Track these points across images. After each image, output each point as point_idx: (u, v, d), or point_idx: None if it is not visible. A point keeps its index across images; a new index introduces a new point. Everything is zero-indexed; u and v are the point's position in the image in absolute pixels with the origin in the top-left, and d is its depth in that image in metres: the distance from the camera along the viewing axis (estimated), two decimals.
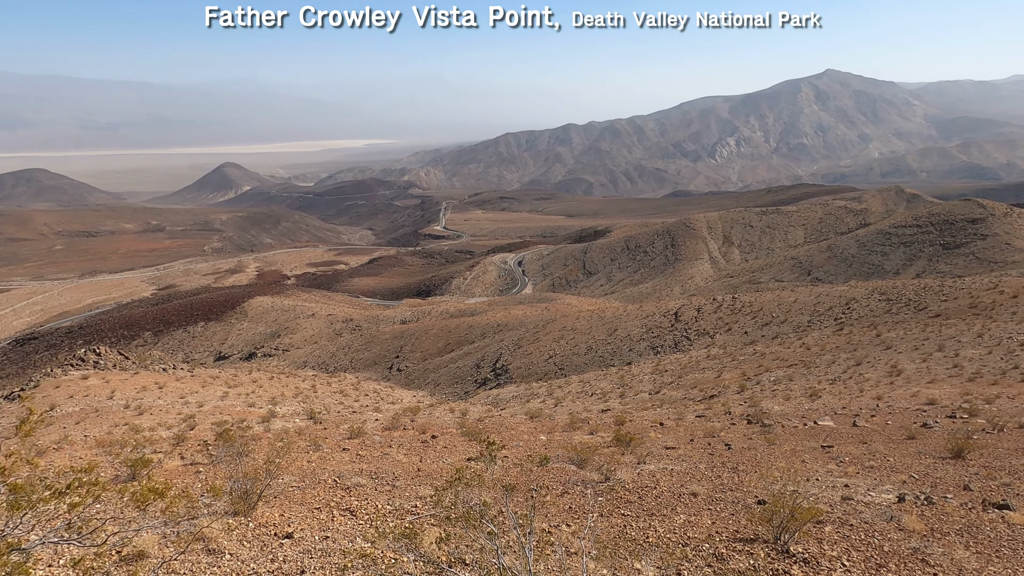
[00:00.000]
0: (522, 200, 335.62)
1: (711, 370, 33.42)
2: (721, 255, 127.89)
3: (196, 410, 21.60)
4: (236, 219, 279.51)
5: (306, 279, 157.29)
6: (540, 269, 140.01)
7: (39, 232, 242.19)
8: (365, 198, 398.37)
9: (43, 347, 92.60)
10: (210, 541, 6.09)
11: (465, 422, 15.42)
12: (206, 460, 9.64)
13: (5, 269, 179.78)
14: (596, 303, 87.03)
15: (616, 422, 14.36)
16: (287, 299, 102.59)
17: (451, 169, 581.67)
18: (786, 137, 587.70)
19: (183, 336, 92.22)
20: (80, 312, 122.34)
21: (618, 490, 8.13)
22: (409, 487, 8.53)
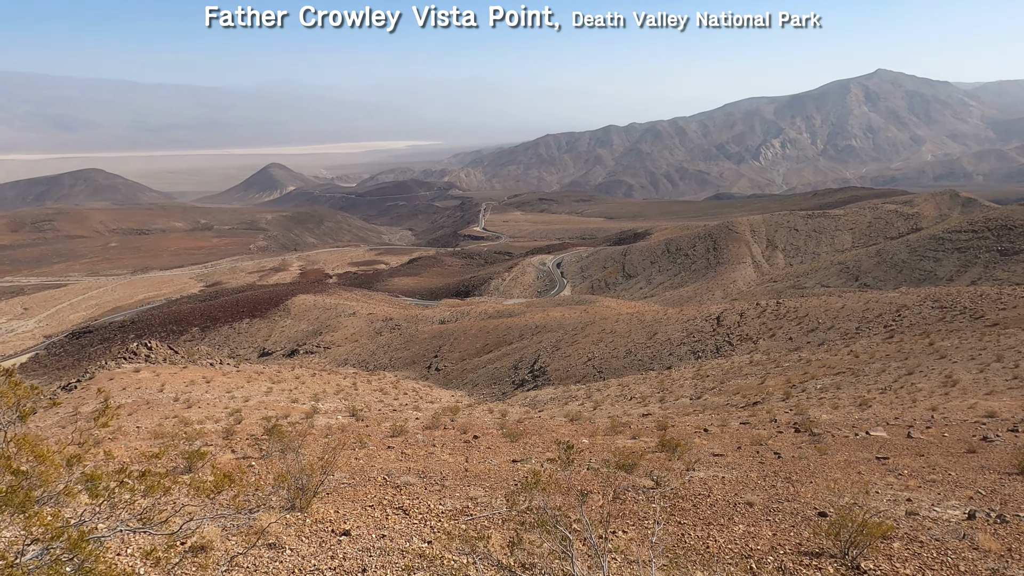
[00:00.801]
0: (561, 202, 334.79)
1: (754, 376, 32.73)
2: (764, 259, 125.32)
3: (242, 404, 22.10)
4: (281, 219, 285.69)
5: (347, 278, 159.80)
6: (579, 271, 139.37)
7: (95, 230, 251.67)
8: (406, 199, 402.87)
9: (97, 340, 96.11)
10: (270, 535, 6.17)
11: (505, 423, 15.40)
12: (257, 454, 9.81)
13: (63, 265, 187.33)
14: (635, 306, 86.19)
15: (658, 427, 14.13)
16: (329, 297, 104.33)
17: (491, 170, 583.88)
18: (833, 139, 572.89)
19: (229, 332, 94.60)
20: (132, 307, 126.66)
21: (671, 497, 7.96)
22: (459, 487, 8.54)
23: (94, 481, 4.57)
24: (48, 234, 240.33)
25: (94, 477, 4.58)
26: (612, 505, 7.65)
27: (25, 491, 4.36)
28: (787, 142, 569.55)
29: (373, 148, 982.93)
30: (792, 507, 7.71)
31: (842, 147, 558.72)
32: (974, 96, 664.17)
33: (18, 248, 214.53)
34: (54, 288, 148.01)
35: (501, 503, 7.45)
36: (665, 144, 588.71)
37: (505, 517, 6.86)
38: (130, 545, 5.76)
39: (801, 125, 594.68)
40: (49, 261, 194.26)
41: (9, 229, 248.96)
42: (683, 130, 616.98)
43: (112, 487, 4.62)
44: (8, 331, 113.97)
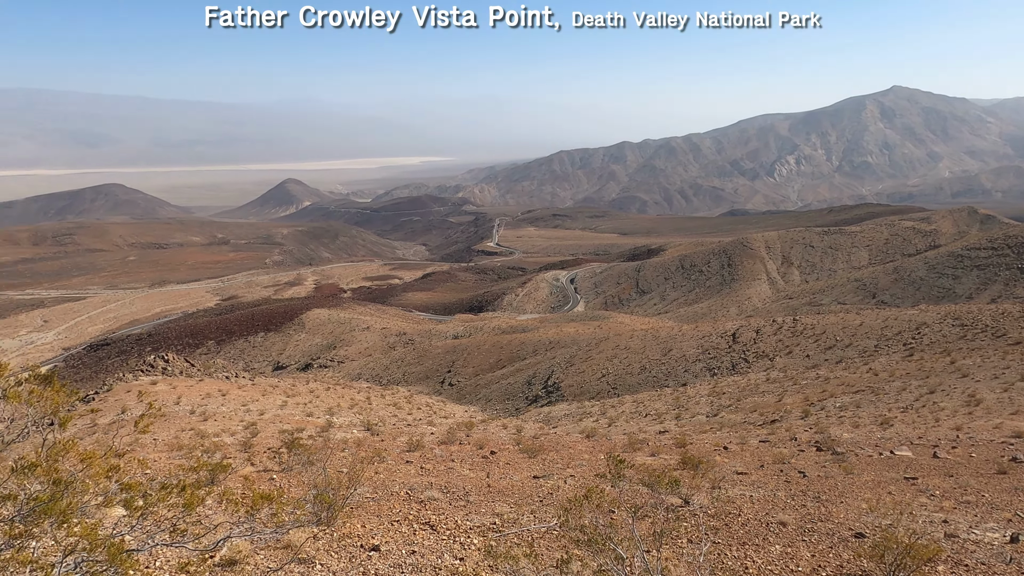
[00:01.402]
0: (575, 217, 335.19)
1: (771, 394, 32.37)
2: (780, 276, 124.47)
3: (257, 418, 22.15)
4: (296, 233, 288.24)
5: (362, 293, 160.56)
6: (593, 287, 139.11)
7: (114, 243, 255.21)
8: (420, 214, 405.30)
9: (115, 353, 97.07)
10: (298, 550, 6.13)
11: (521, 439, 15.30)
12: (277, 467, 9.79)
13: (83, 278, 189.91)
14: (650, 322, 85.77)
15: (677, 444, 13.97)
16: (343, 312, 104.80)
17: (504, 186, 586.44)
18: (849, 155, 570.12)
19: (244, 345, 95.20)
20: (149, 320, 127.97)
21: (700, 515, 7.82)
22: (483, 503, 8.45)
23: (132, 492, 4.56)
24: (69, 248, 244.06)
25: (132, 487, 4.57)
26: (642, 523, 7.48)
27: (66, 501, 4.36)
28: (802, 158, 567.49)
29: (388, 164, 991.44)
30: (827, 527, 7.53)
31: (858, 164, 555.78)
32: (992, 113, 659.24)
33: (39, 261, 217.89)
34: (74, 301, 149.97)
35: (528, 519, 7.34)
36: (679, 160, 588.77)
37: (536, 534, 6.76)
38: (158, 558, 5.73)
39: (816, 141, 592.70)
40: (69, 274, 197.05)
41: (31, 242, 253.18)
42: (697, 146, 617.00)
43: (151, 500, 4.61)
44: (28, 343, 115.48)
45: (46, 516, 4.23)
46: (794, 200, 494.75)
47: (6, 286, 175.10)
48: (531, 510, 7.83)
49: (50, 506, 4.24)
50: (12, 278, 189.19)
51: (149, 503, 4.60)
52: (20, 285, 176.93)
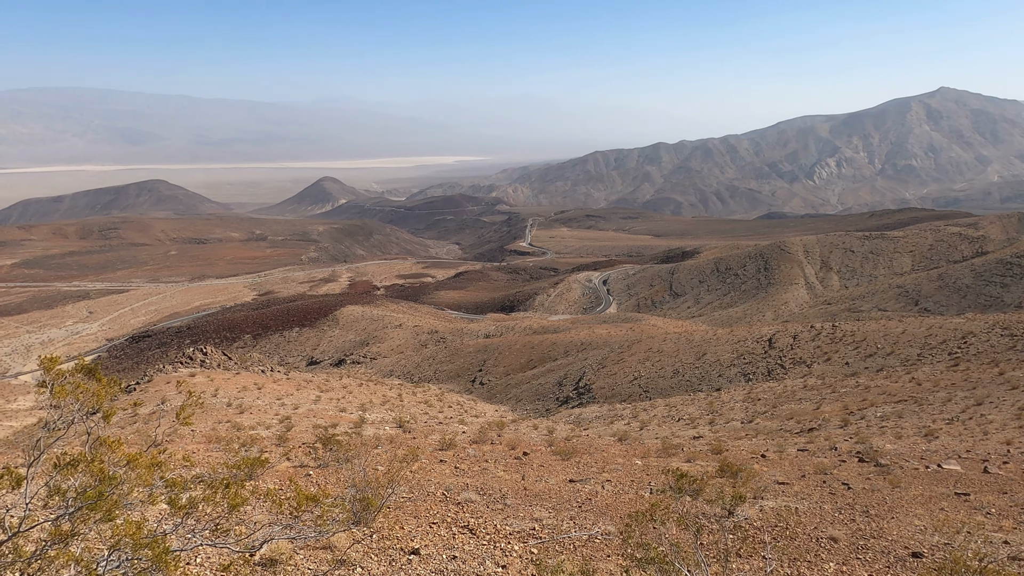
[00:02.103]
0: (608, 218, 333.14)
1: (809, 401, 31.62)
2: (818, 281, 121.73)
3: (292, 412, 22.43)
4: (332, 231, 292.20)
5: (394, 290, 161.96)
6: (625, 289, 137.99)
7: (156, 238, 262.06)
8: (453, 213, 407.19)
9: (155, 344, 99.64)
10: (338, 551, 6.06)
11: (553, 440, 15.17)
12: (313, 463, 9.81)
13: (127, 271, 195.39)
14: (683, 325, 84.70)
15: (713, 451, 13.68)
16: (376, 309, 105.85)
17: (538, 186, 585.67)
18: (892, 158, 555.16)
19: (279, 340, 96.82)
20: (189, 313, 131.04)
21: (747, 528, 7.56)
22: (521, 507, 8.33)
23: (176, 489, 4.56)
24: (114, 241, 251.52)
25: (176, 484, 4.57)
26: (687, 534, 7.19)
27: (113, 498, 4.38)
28: (843, 161, 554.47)
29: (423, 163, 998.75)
30: (880, 545, 7.20)
31: (901, 167, 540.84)
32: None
33: (86, 254, 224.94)
34: (117, 293, 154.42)
35: (568, 525, 7.17)
36: (716, 162, 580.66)
37: (578, 541, 6.60)
38: (198, 555, 5.71)
39: (858, 144, 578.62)
40: (114, 267, 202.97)
41: (78, 236, 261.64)
42: (734, 148, 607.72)
43: (196, 499, 4.60)
44: (74, 333, 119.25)
45: (92, 512, 4.24)
46: (834, 204, 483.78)
47: (54, 278, 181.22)
48: (570, 516, 7.64)
49: (97, 503, 4.25)
50: (60, 270, 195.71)
51: (194, 502, 4.58)
52: (68, 277, 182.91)
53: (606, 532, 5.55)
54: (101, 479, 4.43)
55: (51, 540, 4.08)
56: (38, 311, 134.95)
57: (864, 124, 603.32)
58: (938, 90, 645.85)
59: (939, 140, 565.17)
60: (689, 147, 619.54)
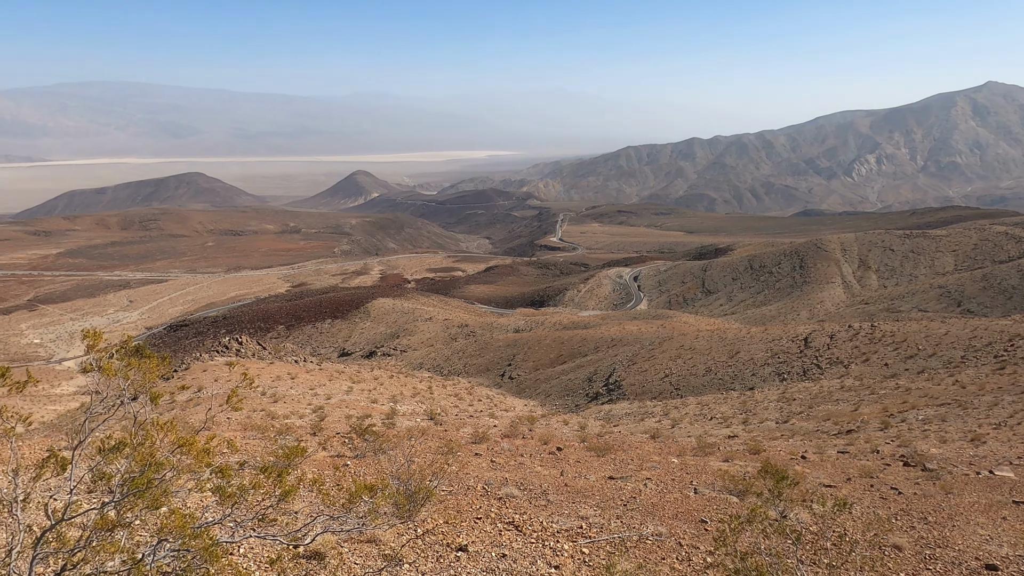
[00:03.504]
0: (640, 214, 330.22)
1: (846, 402, 30.88)
2: (856, 280, 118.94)
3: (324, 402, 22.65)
4: (364, 224, 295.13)
5: (425, 284, 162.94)
6: (656, 285, 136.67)
7: (194, 229, 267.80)
8: (484, 207, 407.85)
9: (192, 333, 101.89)
10: (383, 545, 5.97)
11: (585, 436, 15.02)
12: (350, 453, 9.81)
13: (166, 262, 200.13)
14: (715, 323, 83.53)
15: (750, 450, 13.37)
16: (407, 302, 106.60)
17: (569, 181, 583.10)
18: (935, 155, 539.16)
19: (312, 331, 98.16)
20: (224, 304, 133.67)
21: (804, 534, 7.26)
22: (564, 503, 8.17)
23: (224, 476, 4.49)
24: (153, 232, 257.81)
25: (224, 472, 4.52)
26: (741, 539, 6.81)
27: (162, 486, 4.33)
28: (883, 157, 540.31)
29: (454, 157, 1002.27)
30: (949, 555, 6.86)
31: (945, 164, 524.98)
32: None
33: (127, 244, 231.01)
34: (156, 283, 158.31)
35: (616, 525, 6.99)
36: (751, 158, 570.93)
37: (629, 542, 6.42)
38: (241, 545, 5.63)
39: (900, 140, 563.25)
40: (153, 258, 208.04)
41: (120, 227, 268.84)
42: (770, 144, 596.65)
43: (245, 487, 4.54)
44: (115, 321, 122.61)
45: (139, 500, 4.20)
46: (873, 201, 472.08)
47: (97, 267, 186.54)
48: (616, 515, 7.44)
49: (145, 491, 4.21)
50: (103, 260, 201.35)
51: (244, 490, 4.52)
52: (109, 267, 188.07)
53: (657, 533, 5.35)
54: (148, 465, 4.38)
55: (96, 529, 4.06)
56: (81, 299, 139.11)
57: (906, 120, 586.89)
58: (985, 84, 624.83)
59: (985, 136, 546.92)
60: (724, 143, 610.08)
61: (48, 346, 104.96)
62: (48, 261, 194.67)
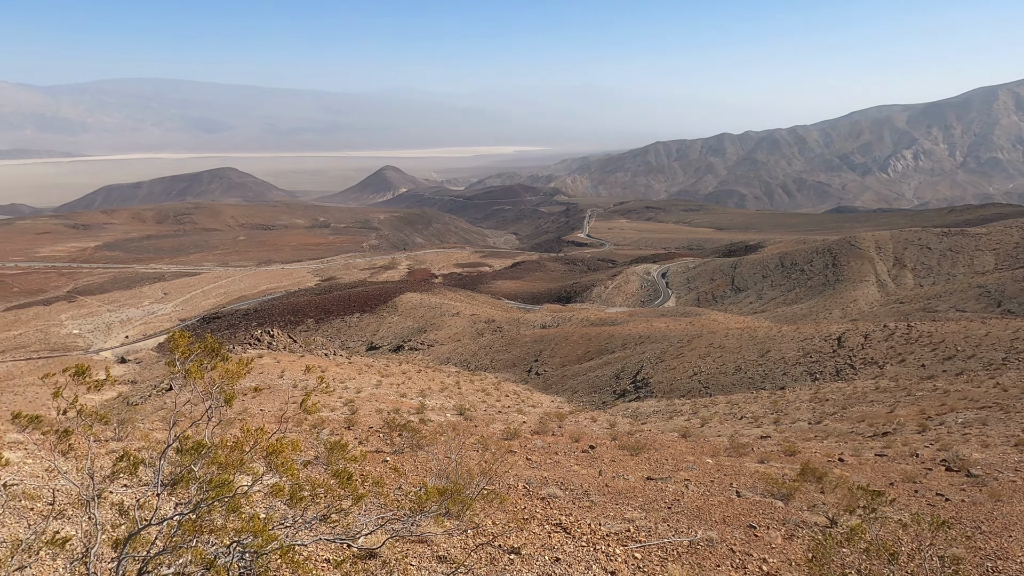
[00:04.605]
0: (669, 210, 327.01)
1: (881, 404, 30.22)
2: (890, 278, 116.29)
3: (355, 395, 22.84)
4: (392, 219, 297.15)
5: (452, 279, 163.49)
6: (685, 282, 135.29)
7: (227, 223, 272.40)
8: (511, 203, 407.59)
9: (224, 326, 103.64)
10: (435, 546, 5.91)
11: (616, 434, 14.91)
12: (388, 448, 9.82)
13: (199, 255, 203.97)
14: (745, 321, 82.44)
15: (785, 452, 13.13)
16: (434, 297, 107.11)
17: (597, 177, 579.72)
18: (975, 150, 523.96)
19: (340, 325, 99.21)
20: (255, 297, 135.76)
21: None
22: (608, 505, 8.06)
23: (289, 476, 4.50)
24: (187, 226, 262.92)
25: (289, 471, 4.52)
26: (791, 545, 6.67)
27: (241, 492, 4.36)
28: (920, 153, 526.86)
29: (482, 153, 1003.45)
30: (1012, 568, 6.60)
31: (985, 160, 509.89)
32: None
33: (162, 238, 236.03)
34: (190, 276, 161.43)
35: (664, 529, 6.86)
36: (783, 153, 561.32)
37: (680, 547, 6.27)
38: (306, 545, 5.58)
39: (938, 135, 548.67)
40: (187, 251, 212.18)
41: (155, 221, 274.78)
42: (803, 139, 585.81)
43: (317, 491, 4.55)
44: (150, 313, 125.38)
45: (218, 503, 4.23)
46: (909, 198, 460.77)
47: (133, 260, 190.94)
48: (662, 518, 7.31)
49: (231, 498, 4.23)
50: (138, 253, 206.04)
51: (316, 493, 4.52)
52: (145, 259, 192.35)
53: (707, 538, 5.22)
54: (223, 466, 4.41)
55: (176, 532, 4.10)
56: (118, 291, 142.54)
57: (945, 114, 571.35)
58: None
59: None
60: (755, 138, 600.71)
61: (86, 336, 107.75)
62: (86, 254, 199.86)
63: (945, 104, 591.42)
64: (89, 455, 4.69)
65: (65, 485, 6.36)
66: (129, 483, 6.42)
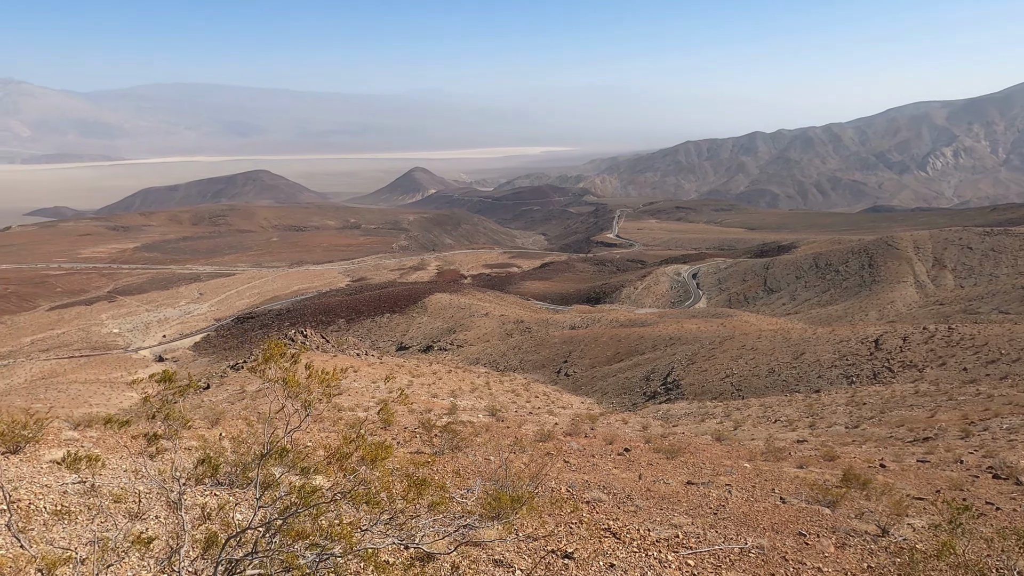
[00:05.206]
0: (699, 210, 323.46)
1: (921, 408, 29.47)
2: (930, 279, 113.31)
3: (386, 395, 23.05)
4: (421, 220, 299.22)
5: (481, 279, 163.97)
6: (716, 283, 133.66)
7: (260, 225, 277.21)
8: (540, 204, 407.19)
9: (258, 326, 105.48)
10: (490, 549, 5.90)
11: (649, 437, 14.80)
12: (428, 449, 9.88)
13: (233, 256, 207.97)
14: (778, 322, 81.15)
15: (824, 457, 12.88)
16: (463, 297, 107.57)
17: (626, 177, 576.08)
18: (1019, 147, 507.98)
19: (371, 325, 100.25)
20: (288, 297, 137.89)
21: (909, 551, 6.84)
22: (653, 510, 7.98)
23: (367, 484, 4.55)
24: (222, 228, 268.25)
25: (367, 480, 4.58)
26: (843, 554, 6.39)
27: (327, 496, 4.43)
28: (961, 151, 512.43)
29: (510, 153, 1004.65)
30: None
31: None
32: None
33: (198, 239, 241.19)
34: (224, 276, 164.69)
35: (713, 536, 6.75)
36: (816, 152, 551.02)
37: (732, 555, 6.17)
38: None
39: (979, 132, 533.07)
40: (222, 252, 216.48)
41: (191, 222, 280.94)
42: (838, 137, 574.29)
43: (394, 497, 4.61)
44: (187, 313, 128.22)
45: (306, 509, 4.31)
46: (949, 196, 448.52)
47: (170, 261, 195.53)
48: (709, 524, 7.20)
49: (308, 500, 4.30)
50: (175, 254, 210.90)
51: (393, 500, 4.58)
52: (181, 260, 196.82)
53: (759, 546, 5.14)
54: (304, 470, 4.48)
55: (264, 536, 4.18)
56: (156, 291, 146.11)
57: (987, 110, 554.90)
58: None
59: None
60: (788, 136, 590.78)
61: (126, 335, 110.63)
62: (126, 255, 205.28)
63: (987, 100, 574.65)
64: (174, 457, 4.82)
65: (148, 486, 6.48)
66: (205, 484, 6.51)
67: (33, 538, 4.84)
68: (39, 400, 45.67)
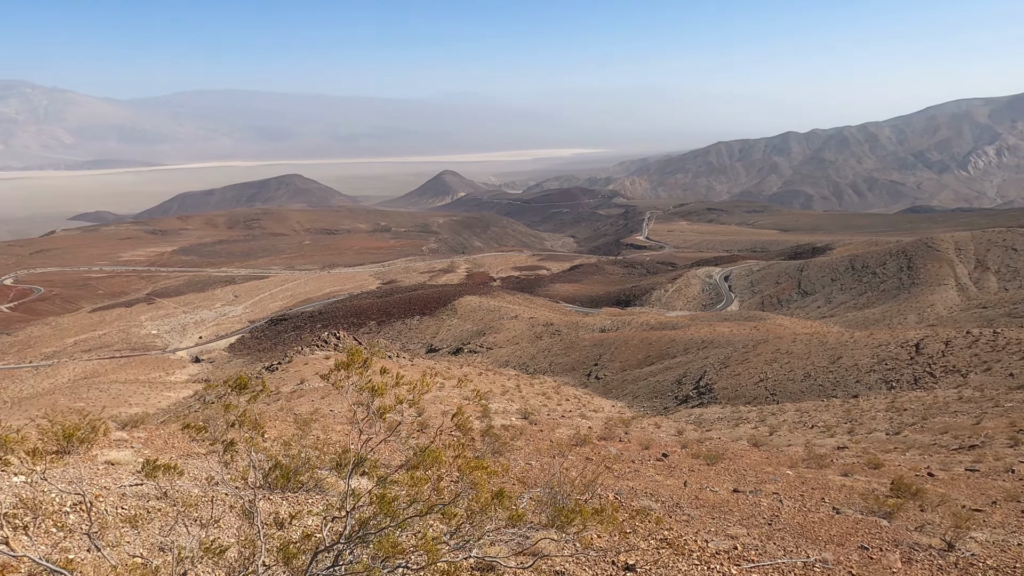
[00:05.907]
0: (731, 212, 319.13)
1: (966, 415, 28.59)
2: (972, 282, 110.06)
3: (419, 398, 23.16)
4: (451, 223, 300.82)
5: (510, 282, 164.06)
6: (748, 286, 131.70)
7: (292, 228, 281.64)
8: (569, 206, 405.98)
9: (291, 327, 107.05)
10: (551, 560, 5.82)
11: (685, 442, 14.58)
12: (470, 453, 9.80)
13: (267, 259, 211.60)
14: (812, 326, 79.57)
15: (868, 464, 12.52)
16: (492, 300, 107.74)
17: (657, 179, 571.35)
18: None
19: (401, 327, 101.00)
20: (320, 299, 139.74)
21: (981, 568, 6.59)
22: (706, 519, 7.79)
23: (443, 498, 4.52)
24: (256, 231, 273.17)
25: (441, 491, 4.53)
26: (912, 569, 6.14)
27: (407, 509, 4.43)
28: (1004, 149, 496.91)
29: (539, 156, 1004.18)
30: None
31: None
32: None
33: (233, 243, 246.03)
34: (258, 279, 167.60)
35: (773, 548, 6.55)
36: (852, 152, 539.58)
37: (796, 570, 5.97)
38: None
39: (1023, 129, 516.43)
40: (256, 255, 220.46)
41: (226, 226, 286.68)
42: (874, 136, 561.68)
43: (474, 512, 4.62)
44: (222, 315, 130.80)
45: (387, 521, 4.32)
46: (992, 196, 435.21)
47: (206, 263, 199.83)
48: (765, 535, 7.00)
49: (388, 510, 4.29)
50: (211, 257, 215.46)
51: (472, 516, 4.58)
52: (217, 263, 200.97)
53: (823, 560, 4.98)
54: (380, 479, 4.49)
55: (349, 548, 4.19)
56: (192, 293, 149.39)
57: None
58: None
59: None
60: (822, 136, 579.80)
61: (164, 337, 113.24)
62: (164, 258, 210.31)
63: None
64: (252, 465, 4.87)
65: (219, 491, 6.54)
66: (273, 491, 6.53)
67: (108, 542, 4.91)
68: (81, 399, 47.01)
